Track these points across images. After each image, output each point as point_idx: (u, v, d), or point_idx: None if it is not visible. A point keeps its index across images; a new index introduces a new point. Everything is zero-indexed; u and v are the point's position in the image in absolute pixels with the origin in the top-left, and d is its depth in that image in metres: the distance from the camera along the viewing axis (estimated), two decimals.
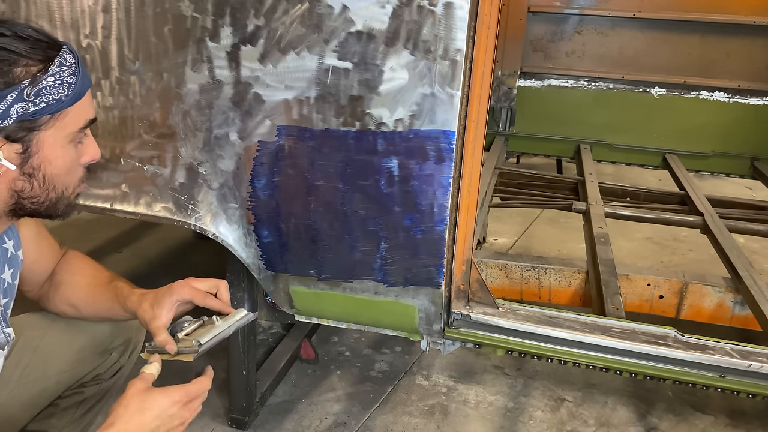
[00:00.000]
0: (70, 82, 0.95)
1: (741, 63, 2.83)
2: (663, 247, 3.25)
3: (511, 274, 1.89)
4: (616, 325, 1.43)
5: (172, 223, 1.39)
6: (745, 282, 1.69)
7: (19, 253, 1.14)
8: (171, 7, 1.25)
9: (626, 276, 1.83)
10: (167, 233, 3.07)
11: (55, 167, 0.98)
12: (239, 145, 1.31)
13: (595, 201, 2.23)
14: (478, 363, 2.16)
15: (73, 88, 0.96)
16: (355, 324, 1.57)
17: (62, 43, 0.97)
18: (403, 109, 1.20)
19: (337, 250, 1.36)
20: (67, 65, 0.95)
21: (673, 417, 1.94)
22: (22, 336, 1.21)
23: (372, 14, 1.15)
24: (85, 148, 1.04)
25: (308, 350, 2.12)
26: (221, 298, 1.17)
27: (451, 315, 1.45)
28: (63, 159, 0.99)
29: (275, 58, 1.22)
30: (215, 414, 1.84)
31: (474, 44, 1.19)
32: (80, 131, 1.00)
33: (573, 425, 1.89)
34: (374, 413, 1.90)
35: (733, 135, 2.87)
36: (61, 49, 0.96)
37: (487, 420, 1.89)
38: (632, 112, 2.97)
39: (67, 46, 0.98)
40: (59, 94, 0.94)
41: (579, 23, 3.02)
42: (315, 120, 1.25)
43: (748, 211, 2.35)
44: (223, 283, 1.18)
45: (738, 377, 1.36)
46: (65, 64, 0.95)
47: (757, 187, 3.57)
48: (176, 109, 1.32)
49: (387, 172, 1.25)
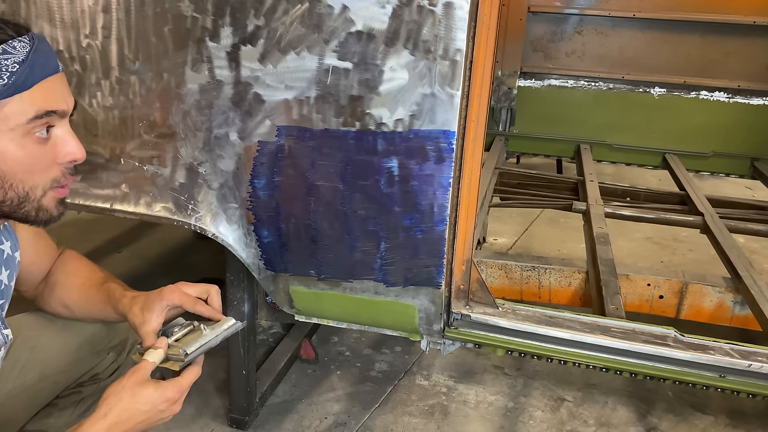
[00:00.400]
0: (12, 71, 0.88)
1: (741, 63, 2.83)
2: (663, 247, 3.25)
3: (511, 274, 1.89)
4: (616, 325, 1.43)
5: (172, 223, 1.39)
6: (745, 282, 1.69)
7: (16, 255, 1.14)
8: (171, 7, 1.25)
9: (626, 276, 1.83)
10: (167, 233, 3.07)
11: (5, 163, 0.91)
12: (239, 145, 1.31)
13: (595, 201, 2.23)
14: (478, 363, 2.16)
15: (14, 77, 0.88)
16: (355, 324, 1.57)
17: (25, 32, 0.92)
18: (403, 109, 1.20)
19: (337, 250, 1.36)
20: (14, 53, 0.89)
21: (673, 417, 1.94)
22: (19, 336, 1.21)
23: (372, 14, 1.15)
24: (61, 145, 0.97)
25: (308, 350, 2.12)
26: (212, 304, 1.16)
27: (451, 315, 1.45)
28: (15, 154, 0.92)
29: (275, 58, 1.22)
30: (215, 414, 1.84)
31: (474, 44, 1.19)
32: (32, 122, 0.92)
33: (573, 425, 1.89)
34: (374, 413, 1.90)
35: (733, 135, 2.87)
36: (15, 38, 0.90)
37: (487, 420, 1.89)
38: (632, 112, 2.97)
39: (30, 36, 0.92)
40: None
41: (579, 23, 3.02)
42: (315, 120, 1.25)
43: (748, 211, 2.35)
44: (214, 288, 1.17)
45: (738, 377, 1.36)
46: (11, 52, 0.89)
47: (757, 187, 3.57)
48: (176, 109, 1.32)
49: (387, 172, 1.25)
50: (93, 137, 1.39)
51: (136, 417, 0.97)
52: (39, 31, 1.33)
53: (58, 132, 0.96)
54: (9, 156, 0.91)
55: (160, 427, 1.78)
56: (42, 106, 0.92)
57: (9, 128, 0.90)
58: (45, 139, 0.95)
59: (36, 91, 0.92)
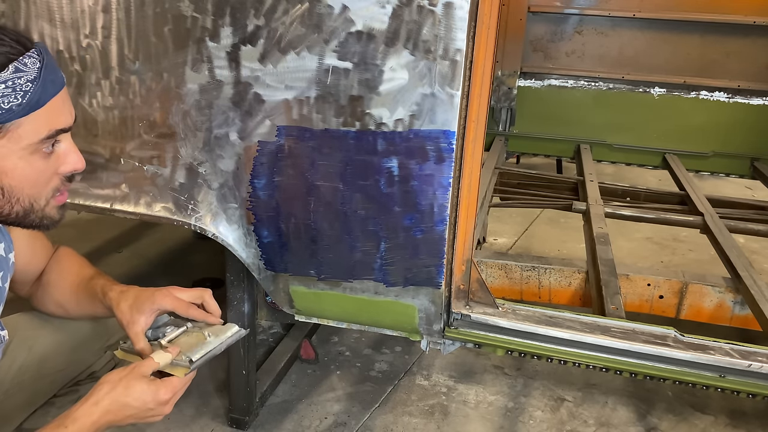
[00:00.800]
0: (26, 90, 0.88)
1: (741, 63, 2.83)
2: (663, 247, 3.25)
3: (511, 274, 1.89)
4: (616, 325, 1.43)
5: (172, 223, 1.39)
6: (745, 282, 1.69)
7: (10, 256, 1.13)
8: (171, 7, 1.25)
9: (626, 276, 1.83)
10: (167, 233, 3.07)
11: (13, 179, 0.92)
12: (239, 145, 1.31)
13: (595, 201, 2.23)
14: (478, 363, 2.16)
15: (28, 96, 0.88)
16: (355, 324, 1.57)
17: (31, 45, 0.90)
18: (403, 109, 1.20)
19: (337, 250, 1.36)
20: (26, 71, 0.88)
21: (673, 417, 1.94)
22: (17, 336, 1.21)
23: (372, 14, 1.15)
24: (63, 157, 0.98)
25: (308, 350, 2.12)
26: (208, 308, 1.16)
27: (451, 315, 1.45)
28: (24, 170, 0.93)
29: (275, 58, 1.22)
30: (215, 414, 1.84)
31: (474, 44, 1.19)
32: (43, 142, 0.93)
33: (573, 425, 1.89)
34: (374, 413, 1.90)
35: (733, 135, 2.87)
36: (24, 53, 0.89)
37: (487, 420, 1.89)
38: (632, 112, 2.96)
39: (37, 49, 0.91)
40: (9, 104, 0.87)
41: (579, 23, 3.02)
42: (315, 120, 1.25)
43: (748, 211, 2.35)
44: (208, 293, 1.17)
45: (738, 377, 1.36)
46: (23, 70, 0.88)
47: (757, 187, 3.57)
48: (176, 109, 1.32)
49: (387, 172, 1.25)
50: (93, 137, 1.39)
51: (125, 410, 0.97)
52: (39, 30, 1.33)
53: (62, 146, 0.98)
54: (18, 173, 0.93)
55: (160, 427, 1.79)
56: (54, 125, 0.93)
57: (21, 147, 0.91)
58: (49, 153, 0.96)
59: (47, 109, 0.92)
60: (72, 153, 0.99)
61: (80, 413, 0.94)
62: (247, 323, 1.64)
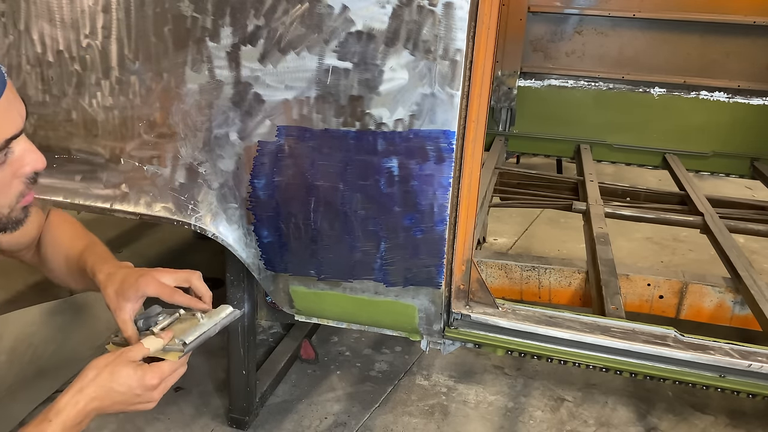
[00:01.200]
0: None
1: (741, 63, 2.83)
2: (663, 247, 3.25)
3: (511, 274, 1.89)
4: (616, 325, 1.43)
5: (172, 223, 1.39)
6: (745, 282, 1.69)
7: None
8: (171, 7, 1.25)
9: (626, 276, 1.82)
10: (167, 233, 3.07)
11: None
12: (239, 145, 1.31)
13: (595, 201, 2.23)
14: (478, 363, 2.16)
15: None
16: (355, 324, 1.57)
17: None
18: (403, 109, 1.20)
19: (337, 250, 1.36)
20: None
21: (673, 417, 1.94)
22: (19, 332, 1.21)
23: (372, 14, 1.15)
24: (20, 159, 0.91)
25: (308, 350, 2.12)
26: (197, 292, 1.10)
27: (451, 315, 1.45)
28: None
29: (275, 58, 1.22)
30: (215, 414, 1.84)
31: (474, 44, 1.19)
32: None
33: (573, 425, 1.89)
34: (374, 413, 1.90)
35: (733, 135, 2.87)
36: None
37: (487, 420, 1.89)
38: (632, 112, 2.96)
39: None
40: None
41: (579, 23, 3.01)
42: (315, 120, 1.25)
43: (748, 211, 2.35)
44: (195, 275, 1.11)
45: (738, 377, 1.36)
46: None
47: (757, 187, 3.56)
48: (176, 109, 1.32)
49: (387, 172, 1.25)
50: (93, 137, 1.39)
51: (111, 396, 0.93)
52: (39, 30, 1.34)
53: (17, 148, 0.90)
54: None
55: (160, 427, 1.79)
56: (2, 136, 0.86)
57: None
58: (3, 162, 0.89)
59: None
60: (29, 153, 0.91)
61: (64, 403, 0.91)
62: (247, 323, 1.64)
